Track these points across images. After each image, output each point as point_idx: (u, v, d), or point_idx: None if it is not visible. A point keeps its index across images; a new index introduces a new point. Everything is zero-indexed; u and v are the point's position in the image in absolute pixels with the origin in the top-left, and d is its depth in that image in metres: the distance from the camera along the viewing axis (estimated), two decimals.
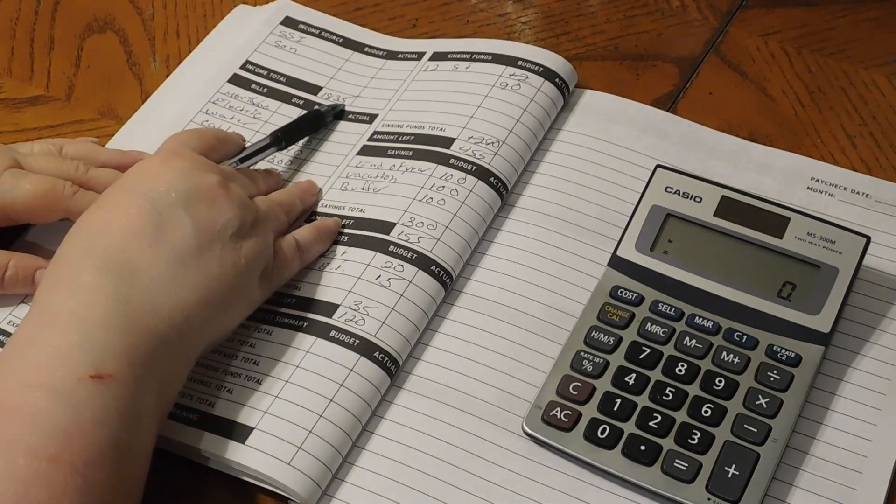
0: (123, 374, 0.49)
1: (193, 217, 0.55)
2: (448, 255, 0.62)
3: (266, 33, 0.76)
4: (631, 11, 0.78)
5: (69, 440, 0.46)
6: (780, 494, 0.54)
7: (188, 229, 0.54)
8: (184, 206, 0.55)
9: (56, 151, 0.63)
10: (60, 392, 0.47)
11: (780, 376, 0.56)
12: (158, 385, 0.51)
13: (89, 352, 0.48)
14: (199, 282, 0.54)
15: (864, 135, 0.70)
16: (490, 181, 0.65)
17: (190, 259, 0.54)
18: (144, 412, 0.50)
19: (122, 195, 0.56)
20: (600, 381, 0.57)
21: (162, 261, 0.53)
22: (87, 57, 0.76)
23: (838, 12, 0.77)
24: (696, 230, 0.60)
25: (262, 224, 0.59)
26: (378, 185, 0.66)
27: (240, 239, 0.56)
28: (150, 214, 0.54)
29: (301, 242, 0.61)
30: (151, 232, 0.53)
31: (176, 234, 0.54)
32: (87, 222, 0.55)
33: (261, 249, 0.57)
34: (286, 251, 0.60)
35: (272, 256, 0.59)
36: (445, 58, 0.73)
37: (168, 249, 0.53)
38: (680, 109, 0.72)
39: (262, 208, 0.60)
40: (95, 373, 0.48)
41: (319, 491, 0.54)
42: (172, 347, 0.52)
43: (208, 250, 0.54)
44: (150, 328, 0.51)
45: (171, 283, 0.52)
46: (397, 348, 0.58)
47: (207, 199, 0.56)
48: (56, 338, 0.49)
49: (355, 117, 0.71)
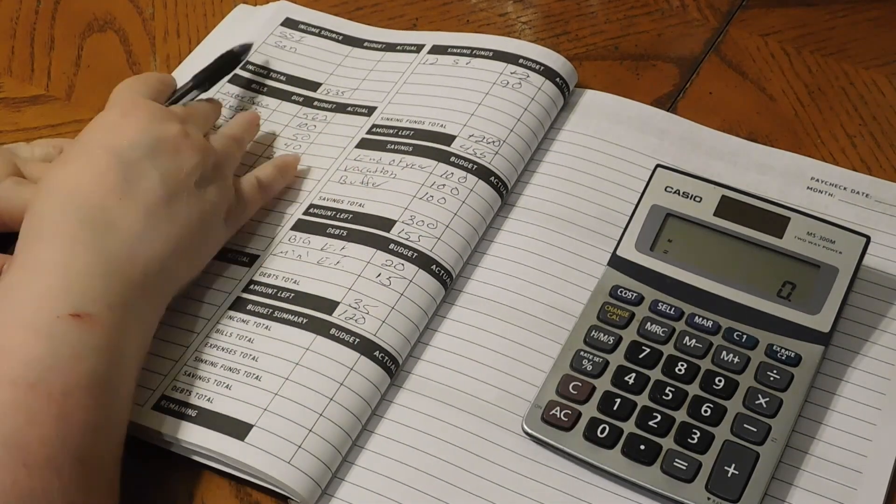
0: (102, 315, 0.51)
1: (159, 168, 0.57)
2: (448, 255, 0.62)
3: (266, 34, 0.76)
4: (631, 11, 0.78)
5: (47, 371, 0.48)
6: (779, 494, 0.54)
7: (156, 181, 0.56)
8: (149, 157, 0.57)
9: (56, 154, 0.63)
10: (40, 329, 0.49)
11: (779, 376, 0.56)
12: (136, 327, 0.53)
13: (70, 295, 0.51)
14: (171, 231, 0.56)
15: (864, 135, 0.70)
16: (491, 180, 0.65)
17: (160, 210, 0.56)
18: (123, 352, 0.52)
19: (90, 151, 0.57)
20: (600, 380, 0.57)
21: (134, 213, 0.55)
22: (88, 56, 0.76)
23: (838, 12, 0.77)
24: (696, 230, 0.60)
25: (221, 166, 0.61)
26: (377, 180, 0.66)
27: (203, 184, 0.59)
28: (118, 168, 0.56)
29: (262, 180, 0.64)
30: (121, 184, 0.55)
31: (145, 185, 0.56)
32: (58, 179, 0.56)
33: (223, 192, 0.60)
34: (247, 190, 0.63)
35: (234, 196, 0.61)
36: (445, 52, 0.73)
37: (139, 202, 0.55)
38: (680, 109, 0.72)
39: (218, 150, 0.62)
40: (75, 312, 0.50)
41: (319, 490, 0.54)
42: (148, 293, 0.54)
43: (176, 199, 0.57)
44: (128, 275, 0.53)
45: (144, 234, 0.55)
46: (397, 347, 0.58)
47: (171, 149, 0.58)
48: (39, 284, 0.51)
49: (353, 110, 0.71)
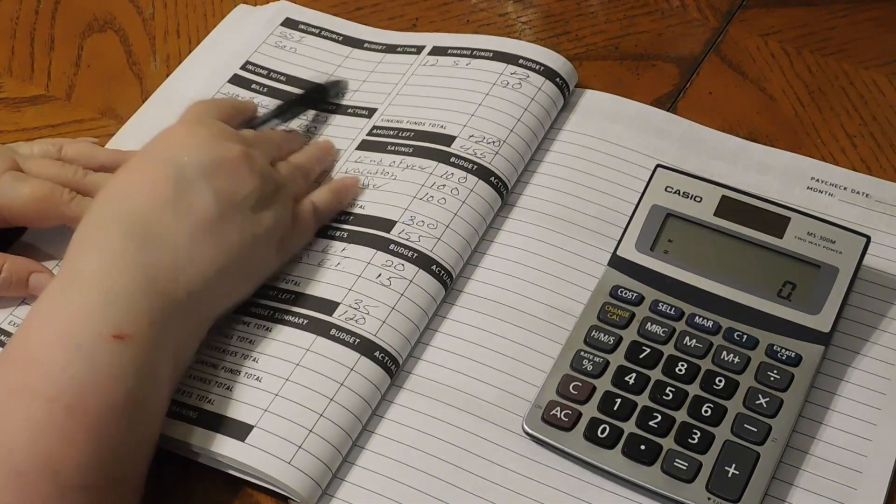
0: (142, 335, 0.50)
1: (215, 187, 0.56)
2: (449, 255, 0.62)
3: (266, 34, 0.76)
4: (631, 11, 0.78)
5: (85, 392, 0.48)
6: (780, 494, 0.54)
7: (210, 199, 0.55)
8: (206, 176, 0.56)
9: (55, 152, 0.63)
10: (81, 347, 0.49)
11: (780, 376, 0.56)
12: (174, 348, 0.53)
13: (111, 311, 0.50)
14: (219, 252, 0.55)
15: (864, 135, 0.70)
16: (491, 181, 0.65)
17: (211, 229, 0.55)
18: (159, 373, 0.51)
19: (149, 162, 0.57)
20: (600, 380, 0.57)
21: (184, 229, 0.54)
22: (88, 56, 0.76)
23: (838, 12, 0.77)
24: (697, 230, 0.60)
25: (282, 192, 0.60)
26: (378, 182, 0.66)
27: (259, 209, 0.58)
28: (174, 183, 0.55)
29: (318, 206, 0.63)
30: (175, 200, 0.55)
31: (198, 203, 0.55)
32: (115, 187, 0.56)
33: (279, 219, 0.59)
34: (304, 217, 0.61)
35: (290, 224, 0.60)
36: (445, 53, 0.73)
37: (190, 219, 0.55)
38: (680, 109, 0.72)
39: (282, 175, 0.61)
40: (116, 332, 0.49)
41: (320, 490, 0.54)
42: (189, 313, 0.53)
43: (227, 221, 0.56)
44: (170, 293, 0.52)
45: (191, 251, 0.54)
46: (398, 348, 0.58)
47: (229, 170, 0.57)
48: (80, 297, 0.51)
49: (354, 111, 0.71)
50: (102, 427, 0.48)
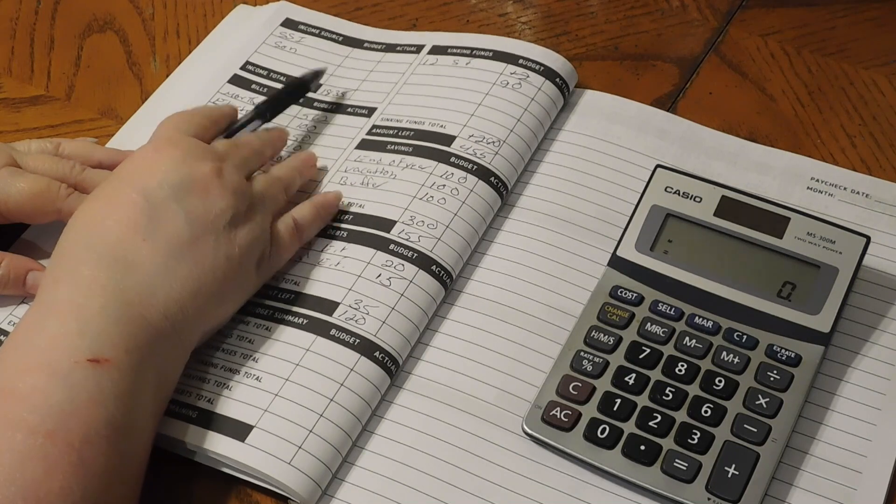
0: (120, 360, 0.50)
1: (186, 209, 0.55)
2: (448, 255, 0.62)
3: (266, 34, 0.76)
4: (631, 11, 0.78)
5: (65, 418, 0.47)
6: (779, 494, 0.54)
7: (181, 222, 0.55)
8: (176, 198, 0.55)
9: (53, 150, 0.63)
10: (58, 374, 0.48)
11: (779, 376, 0.56)
12: (155, 372, 0.52)
13: (86, 338, 0.50)
14: (193, 274, 0.54)
15: (864, 135, 0.70)
16: (490, 181, 0.65)
17: (183, 251, 0.54)
18: (141, 397, 0.51)
19: (117, 188, 0.56)
20: (600, 380, 0.57)
21: (156, 254, 0.54)
22: (87, 57, 0.76)
23: (838, 12, 0.77)
24: (696, 230, 0.60)
25: (258, 209, 0.59)
26: (377, 181, 0.66)
27: (234, 228, 0.57)
28: (144, 208, 0.55)
29: (299, 222, 0.61)
30: (145, 225, 0.54)
31: (169, 226, 0.55)
32: (84, 216, 0.55)
33: (256, 236, 0.58)
34: (283, 234, 0.60)
35: (269, 241, 0.59)
36: (445, 52, 0.73)
37: (162, 242, 0.54)
38: (680, 109, 0.72)
39: (258, 190, 0.60)
40: (92, 356, 0.49)
41: (319, 490, 0.54)
42: (168, 337, 0.53)
43: (202, 242, 0.55)
44: (146, 318, 0.52)
45: (165, 275, 0.53)
46: (397, 348, 0.58)
47: (200, 190, 0.56)
48: (55, 326, 0.50)
49: (354, 110, 0.71)
50: (85, 453, 0.47)
